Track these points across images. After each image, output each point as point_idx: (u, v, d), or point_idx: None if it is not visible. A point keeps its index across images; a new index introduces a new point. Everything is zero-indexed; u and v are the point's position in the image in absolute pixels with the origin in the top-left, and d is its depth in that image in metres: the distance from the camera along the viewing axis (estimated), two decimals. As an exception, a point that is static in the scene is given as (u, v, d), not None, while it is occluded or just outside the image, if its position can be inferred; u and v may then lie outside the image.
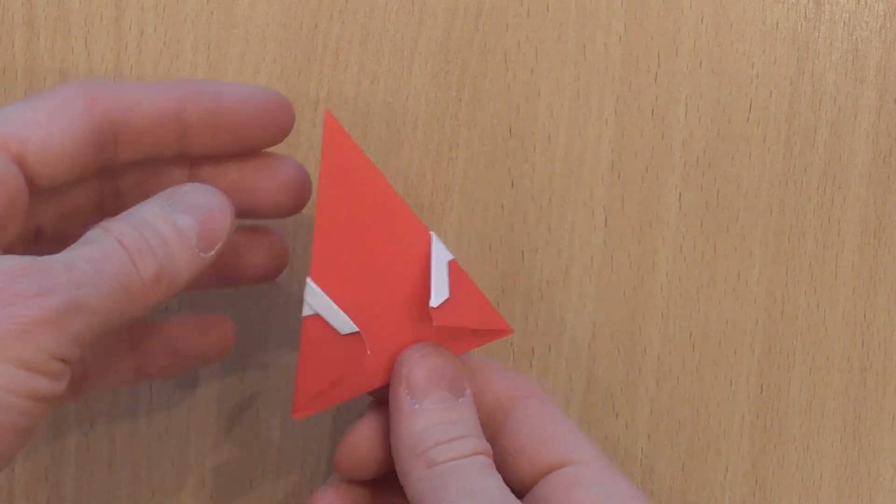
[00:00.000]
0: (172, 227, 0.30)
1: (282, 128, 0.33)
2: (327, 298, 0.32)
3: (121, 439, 0.38)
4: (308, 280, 0.32)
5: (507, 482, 0.31)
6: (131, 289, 0.29)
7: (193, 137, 0.32)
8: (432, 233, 0.33)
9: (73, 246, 0.29)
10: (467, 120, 0.39)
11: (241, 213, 0.33)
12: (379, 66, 0.39)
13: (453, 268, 0.33)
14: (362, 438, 0.33)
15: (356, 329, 0.32)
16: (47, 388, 0.27)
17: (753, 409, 0.39)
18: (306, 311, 0.32)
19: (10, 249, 0.29)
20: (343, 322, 0.32)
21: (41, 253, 0.29)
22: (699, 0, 0.39)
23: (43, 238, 0.32)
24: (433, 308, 0.32)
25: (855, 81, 0.40)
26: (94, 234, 0.29)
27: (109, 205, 0.33)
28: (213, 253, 0.31)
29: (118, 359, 0.34)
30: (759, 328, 0.39)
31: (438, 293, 0.32)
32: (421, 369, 0.32)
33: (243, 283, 0.35)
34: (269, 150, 0.34)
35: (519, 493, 0.31)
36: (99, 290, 0.28)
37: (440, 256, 0.32)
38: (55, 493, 0.38)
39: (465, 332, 0.33)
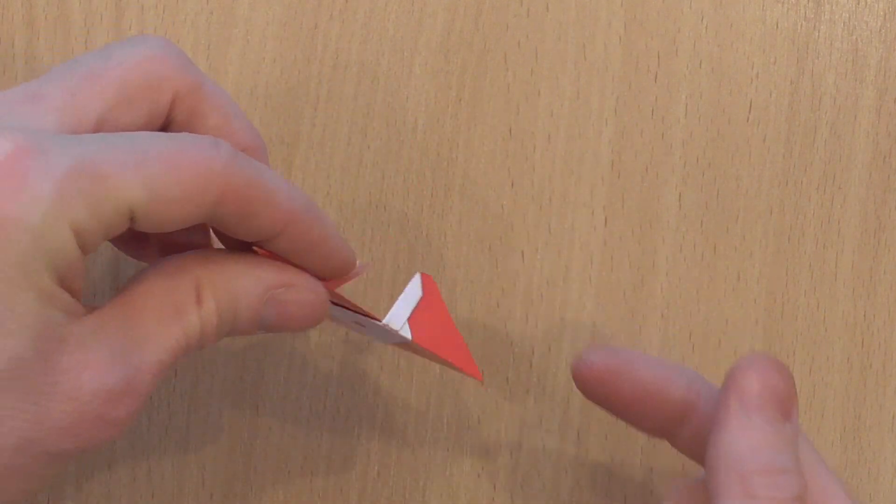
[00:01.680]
0: (252, 320, 0.30)
1: None
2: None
3: (121, 439, 0.38)
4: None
5: None
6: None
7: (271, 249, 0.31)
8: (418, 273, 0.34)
9: (159, 303, 0.28)
10: (467, 120, 0.39)
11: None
12: (379, 66, 0.39)
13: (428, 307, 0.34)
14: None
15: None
16: None
17: (753, 409, 0.39)
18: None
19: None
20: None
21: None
22: (699, 0, 0.39)
23: None
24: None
25: (855, 81, 0.40)
26: (186, 303, 0.28)
27: None
28: (272, 332, 0.31)
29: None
30: (759, 328, 0.39)
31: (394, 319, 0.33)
32: (757, 382, 0.30)
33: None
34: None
35: None
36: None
37: (411, 294, 0.33)
38: (55, 493, 0.38)
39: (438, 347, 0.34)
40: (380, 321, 0.32)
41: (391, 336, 0.33)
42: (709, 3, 0.39)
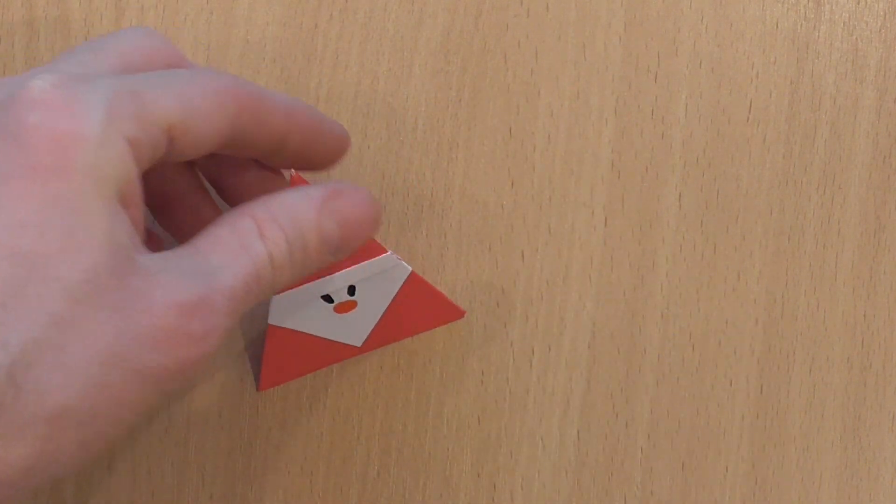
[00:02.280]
0: (319, 239, 0.30)
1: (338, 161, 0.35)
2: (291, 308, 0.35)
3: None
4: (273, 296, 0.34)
5: None
6: (263, 298, 0.30)
7: (284, 156, 0.33)
8: (389, 251, 0.35)
9: (220, 240, 0.29)
10: (467, 120, 0.39)
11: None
12: (379, 66, 0.39)
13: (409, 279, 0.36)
14: None
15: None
16: None
17: (753, 409, 0.39)
18: (272, 321, 0.35)
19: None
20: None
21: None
22: (699, 0, 0.39)
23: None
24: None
25: (855, 81, 0.40)
26: (246, 232, 0.29)
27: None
28: (343, 256, 0.32)
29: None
30: (759, 328, 0.39)
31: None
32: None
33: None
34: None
35: None
36: (243, 311, 0.29)
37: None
38: (55, 493, 0.38)
39: (418, 317, 0.37)
40: (386, 252, 0.34)
41: (390, 275, 0.35)
42: (709, 3, 0.39)
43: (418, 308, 0.37)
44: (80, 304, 0.26)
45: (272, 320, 0.35)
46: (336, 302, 0.35)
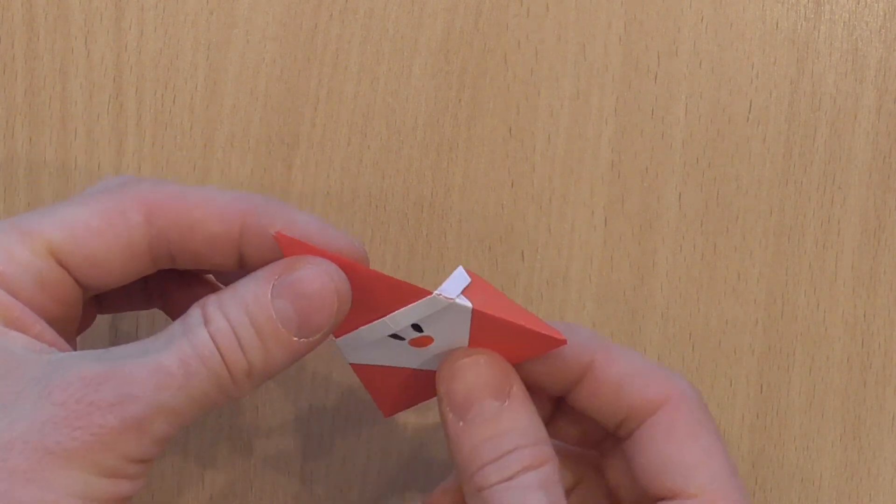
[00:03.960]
0: (271, 319, 0.28)
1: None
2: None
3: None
4: (336, 340, 0.31)
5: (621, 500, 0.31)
6: (221, 386, 0.28)
7: (247, 258, 0.30)
8: (460, 266, 0.32)
9: (167, 332, 0.28)
10: (467, 120, 0.39)
11: None
12: (379, 66, 0.39)
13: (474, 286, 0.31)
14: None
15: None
16: (127, 490, 0.27)
17: (753, 409, 0.39)
18: (350, 360, 0.32)
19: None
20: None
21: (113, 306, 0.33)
22: (699, 0, 0.39)
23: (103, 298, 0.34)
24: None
25: (855, 81, 0.39)
26: (191, 320, 0.28)
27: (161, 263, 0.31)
28: (317, 336, 0.29)
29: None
30: (759, 328, 0.39)
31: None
32: (458, 382, 0.30)
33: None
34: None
35: None
36: (186, 392, 0.27)
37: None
38: (55, 493, 0.38)
39: (510, 347, 0.32)
40: (430, 293, 0.30)
41: (451, 313, 0.30)
42: (709, 3, 0.39)
43: (504, 340, 0.32)
44: None
45: (349, 359, 0.32)
46: (407, 339, 0.32)
